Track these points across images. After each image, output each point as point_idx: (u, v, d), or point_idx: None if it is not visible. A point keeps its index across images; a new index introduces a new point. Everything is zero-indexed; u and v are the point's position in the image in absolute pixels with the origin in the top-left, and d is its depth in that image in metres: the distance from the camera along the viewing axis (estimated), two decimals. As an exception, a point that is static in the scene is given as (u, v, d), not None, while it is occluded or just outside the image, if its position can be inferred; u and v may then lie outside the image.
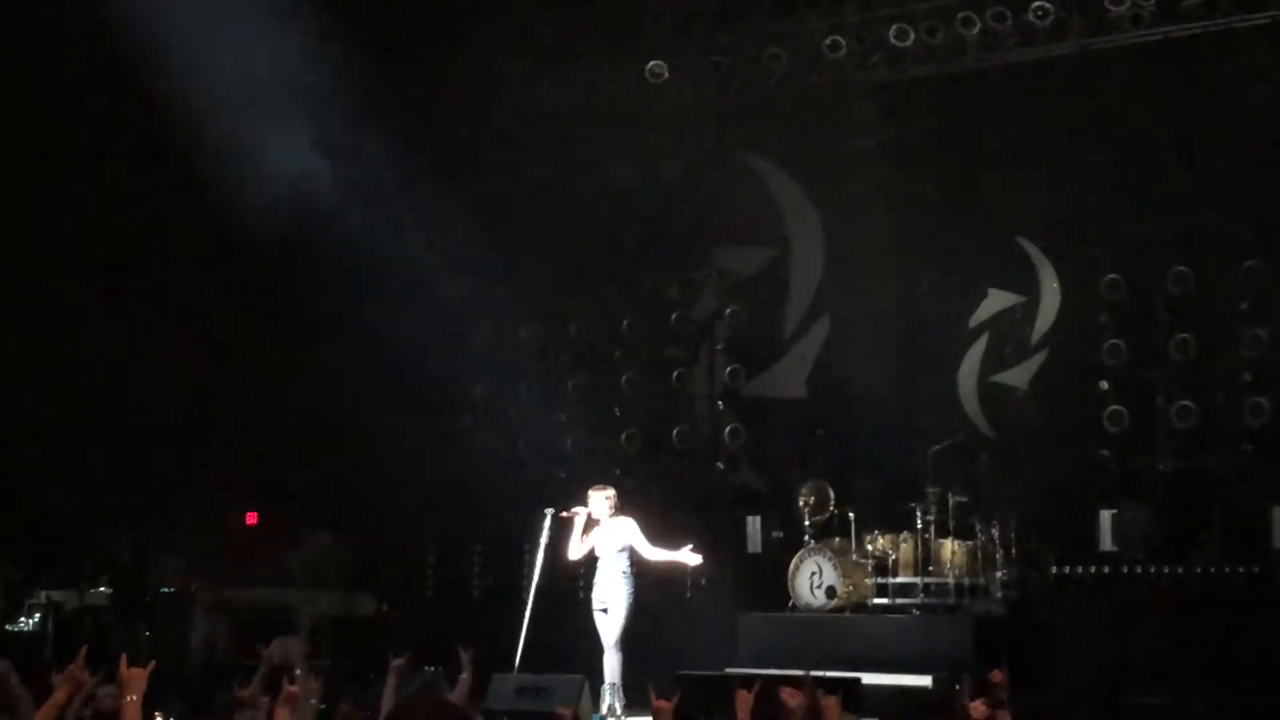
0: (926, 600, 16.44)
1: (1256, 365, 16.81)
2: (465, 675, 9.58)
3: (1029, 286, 18.31)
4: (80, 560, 18.30)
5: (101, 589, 18.02)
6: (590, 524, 13.88)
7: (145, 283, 18.37)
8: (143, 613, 18.24)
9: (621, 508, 14.07)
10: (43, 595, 17.83)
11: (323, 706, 9.44)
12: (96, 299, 18.02)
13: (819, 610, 16.51)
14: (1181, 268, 17.15)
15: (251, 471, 19.51)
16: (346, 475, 19.18)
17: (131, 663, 5.83)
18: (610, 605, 13.87)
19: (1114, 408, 17.34)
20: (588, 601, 14.15)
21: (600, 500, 13.97)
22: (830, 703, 5.73)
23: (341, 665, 16.17)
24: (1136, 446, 17.32)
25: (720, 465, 19.54)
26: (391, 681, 9.63)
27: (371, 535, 19.71)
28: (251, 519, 20.65)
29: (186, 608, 18.80)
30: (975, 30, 17.05)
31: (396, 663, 9.78)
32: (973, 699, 5.82)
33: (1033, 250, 18.23)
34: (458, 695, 9.20)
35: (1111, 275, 17.48)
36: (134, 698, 5.60)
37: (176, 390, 18.63)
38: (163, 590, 18.73)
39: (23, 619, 17.73)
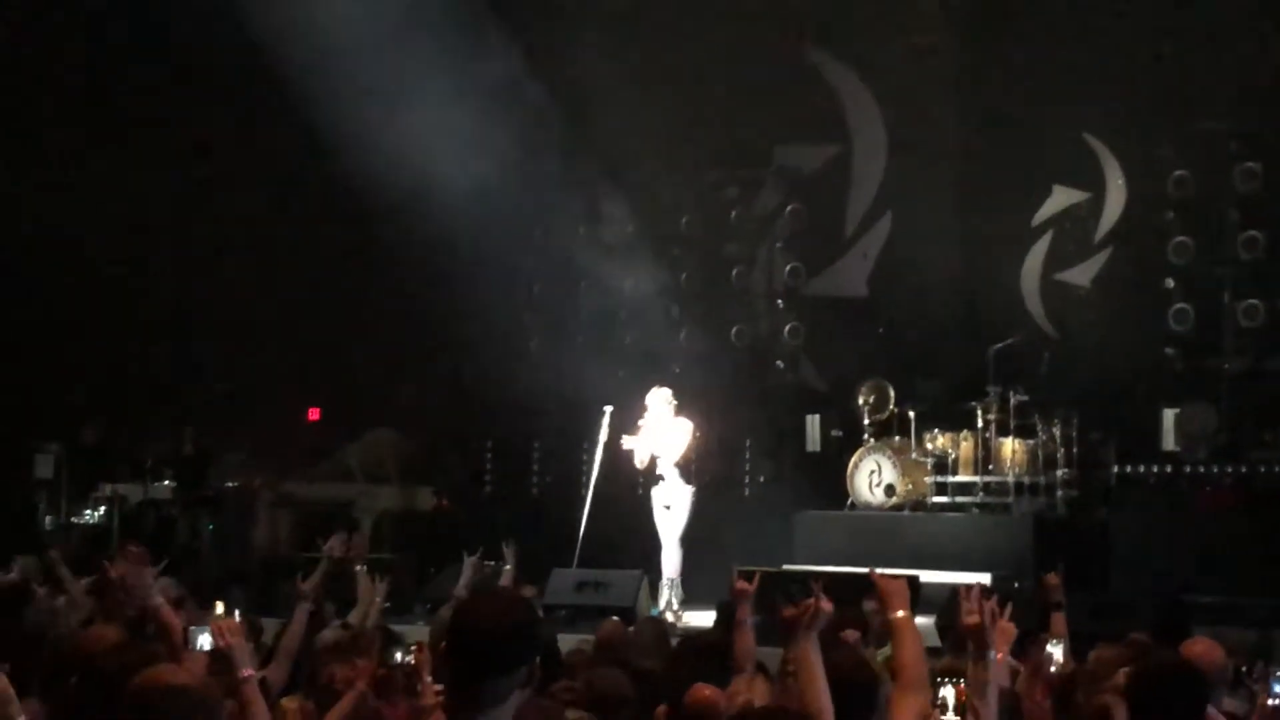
0: (986, 499, 16.42)
1: (1323, 263, 16.62)
2: (509, 567, 9.65)
3: (1094, 183, 18.08)
4: (144, 454, 18.47)
5: (165, 483, 18.19)
6: (651, 426, 13.92)
7: (210, 177, 18.40)
8: (206, 506, 18.42)
9: (680, 408, 14.10)
10: (107, 489, 18.03)
11: (388, 605, 9.54)
12: (163, 198, 18.06)
13: (878, 508, 16.54)
14: (1250, 164, 16.91)
15: (314, 368, 19.63)
16: (407, 372, 19.26)
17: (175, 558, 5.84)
18: (673, 502, 13.94)
19: (1179, 306, 17.17)
20: (647, 498, 14.21)
21: (659, 400, 13.99)
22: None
23: (402, 559, 16.32)
24: (1202, 345, 17.16)
25: (780, 364, 19.49)
26: (467, 574, 9.74)
27: (431, 431, 19.81)
28: (314, 414, 20.79)
29: (249, 502, 18.98)
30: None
31: (471, 559, 9.88)
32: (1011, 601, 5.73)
33: (1099, 146, 17.98)
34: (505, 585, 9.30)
35: (1179, 172, 17.24)
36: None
37: (241, 286, 18.70)
38: (226, 485, 18.89)
39: (88, 511, 17.94)
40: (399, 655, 6.18)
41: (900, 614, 5.51)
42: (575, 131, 18.13)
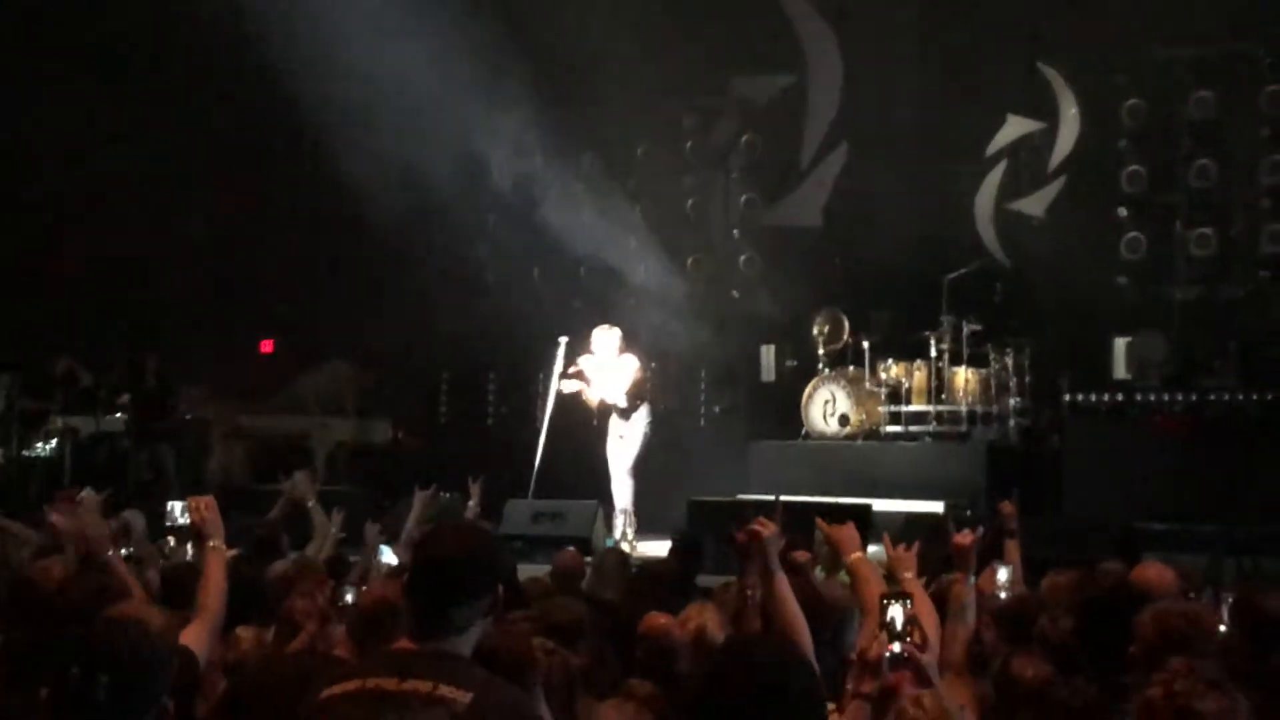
0: (939, 428, 16.53)
1: (1276, 192, 16.70)
2: (473, 503, 9.68)
3: (1048, 112, 18.09)
4: (97, 386, 18.34)
5: (118, 415, 18.09)
6: (598, 365, 13.99)
7: (165, 108, 18.22)
8: (165, 439, 18.35)
9: (635, 339, 14.16)
10: (59, 421, 17.92)
11: (343, 535, 9.55)
12: (121, 130, 17.88)
13: (832, 438, 16.62)
14: (1203, 93, 16.97)
15: (268, 300, 19.53)
16: (362, 304, 19.17)
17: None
18: (626, 433, 13.98)
19: (1132, 235, 17.26)
20: (603, 430, 14.24)
21: (607, 339, 14.04)
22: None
23: (358, 491, 16.31)
24: (1154, 274, 17.25)
25: (735, 294, 19.49)
26: (416, 509, 9.75)
27: (387, 363, 19.76)
28: (267, 347, 20.69)
29: (204, 435, 18.91)
30: None
31: (422, 493, 9.89)
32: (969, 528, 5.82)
33: (1052, 75, 17.98)
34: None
35: (1132, 100, 17.30)
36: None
37: (194, 219, 18.57)
38: (181, 417, 18.81)
39: (39, 444, 17.84)
40: (349, 596, 6.20)
41: (855, 556, 5.55)
42: (530, 62, 17.99)
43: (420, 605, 3.95)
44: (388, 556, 8.61)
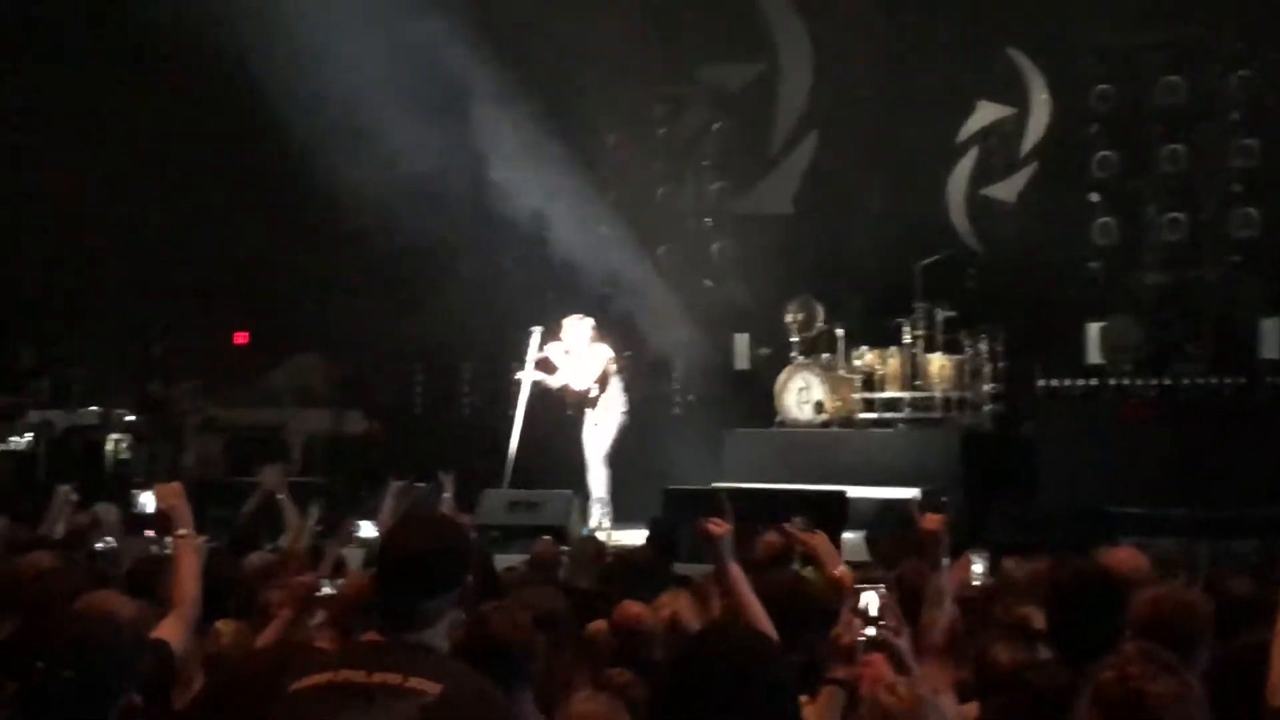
0: (913, 414, 16.57)
1: (1247, 176, 16.77)
2: (447, 495, 9.70)
3: (1018, 98, 18.13)
4: (70, 378, 18.32)
5: (92, 408, 18.07)
6: (568, 355, 14.03)
7: (130, 96, 18.16)
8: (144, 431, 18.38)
9: (608, 329, 14.19)
10: (33, 415, 17.88)
11: (319, 528, 9.55)
12: (88, 120, 17.81)
13: (806, 425, 16.63)
14: (1173, 78, 17.05)
15: (240, 291, 19.49)
16: (334, 295, 19.16)
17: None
18: (600, 421, 14.01)
19: (1103, 220, 17.33)
20: (578, 419, 14.26)
21: (578, 329, 14.07)
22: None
23: (334, 482, 16.31)
24: (1125, 259, 17.33)
25: (707, 282, 19.51)
26: (389, 501, 9.75)
27: (359, 354, 19.74)
28: (241, 338, 20.66)
29: (178, 426, 18.89)
30: None
31: (395, 484, 9.90)
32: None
33: (1023, 61, 18.01)
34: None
35: (1102, 86, 17.37)
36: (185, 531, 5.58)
37: (165, 211, 18.51)
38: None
39: (14, 438, 17.79)
40: (325, 588, 6.21)
41: (840, 570, 5.60)
42: (500, 49, 17.96)
43: (389, 598, 3.95)
44: (368, 530, 8.63)
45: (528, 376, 14.26)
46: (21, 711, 3.83)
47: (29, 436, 17.70)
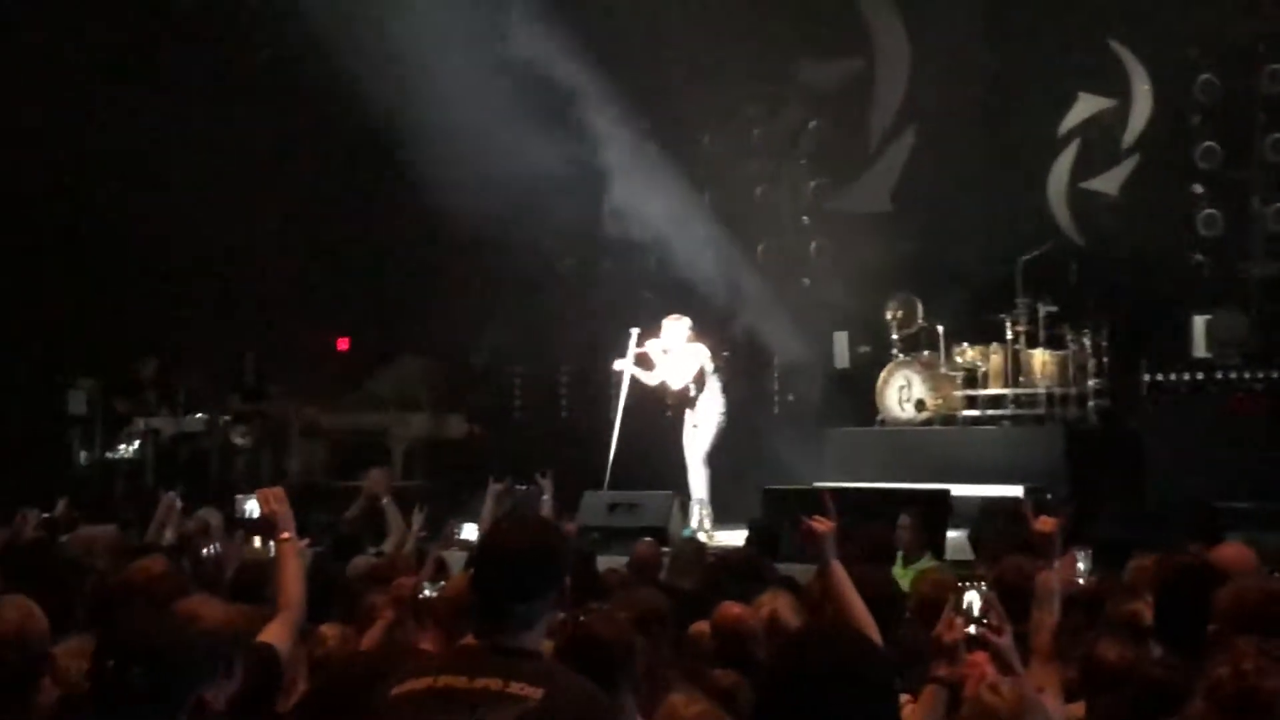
0: (1016, 411, 16.41)
1: (1353, 165, 16.51)
2: (547, 498, 9.73)
3: (1120, 90, 17.91)
4: (175, 387, 18.55)
5: (198, 416, 18.30)
6: (664, 354, 14.05)
7: (237, 110, 18.37)
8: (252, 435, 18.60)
9: (706, 329, 14.19)
10: (140, 423, 18.12)
11: (424, 533, 9.61)
12: (192, 132, 18.02)
13: (908, 423, 16.54)
14: (1276, 66, 16.78)
15: (343, 297, 19.67)
16: (434, 299, 19.27)
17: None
18: (700, 421, 14.00)
19: (1208, 211, 17.07)
20: (678, 420, 14.26)
21: (675, 329, 14.08)
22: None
23: (435, 486, 16.43)
24: (1231, 251, 17.06)
25: (806, 281, 19.44)
26: (489, 504, 9.80)
27: (459, 357, 19.85)
28: (343, 344, 20.85)
29: (283, 433, 19.09)
30: None
31: (495, 487, 9.95)
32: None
33: (1124, 52, 17.80)
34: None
35: (1205, 75, 17.09)
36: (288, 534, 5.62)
37: (269, 218, 18.70)
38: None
39: (121, 446, 18.05)
40: (427, 590, 6.26)
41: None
42: (596, 52, 18.00)
43: (485, 601, 3.95)
44: (470, 533, 8.67)
45: (626, 368, 14.26)
46: (93, 708, 3.89)
47: (136, 444, 17.96)
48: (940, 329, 16.78)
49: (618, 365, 14.43)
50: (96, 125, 17.47)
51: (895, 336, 17.09)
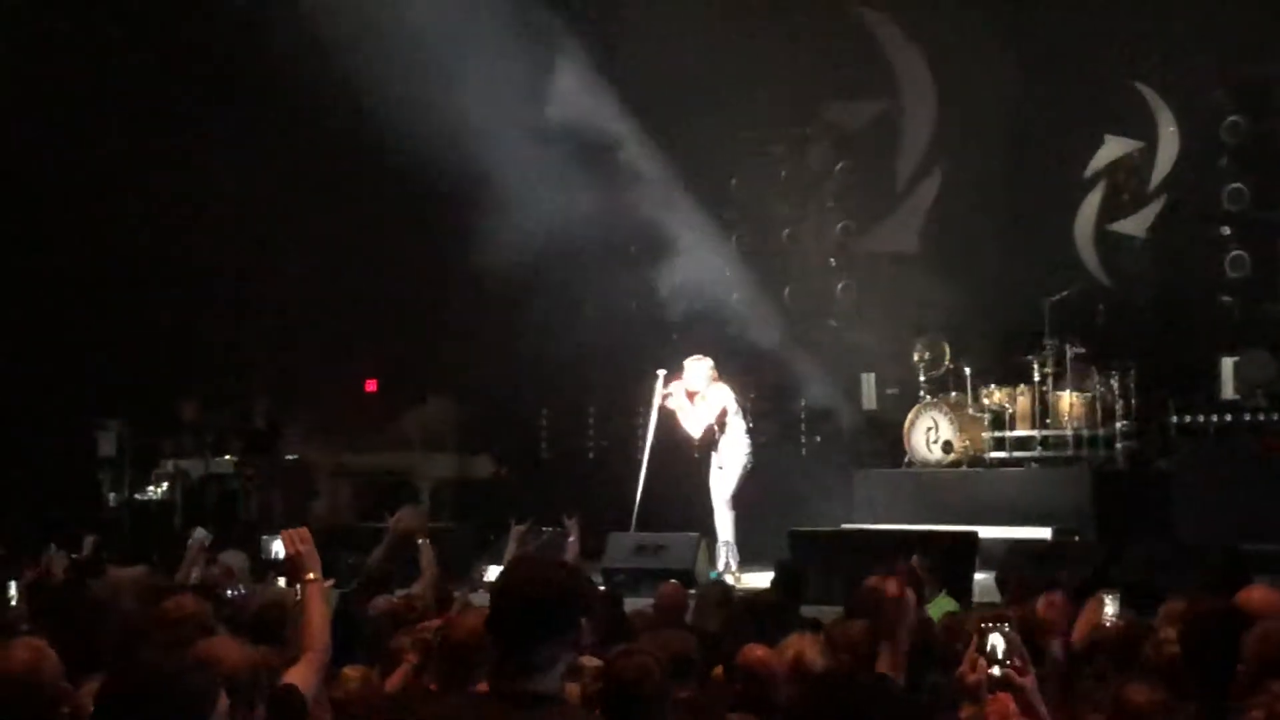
0: (1044, 453, 16.35)
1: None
2: (573, 539, 9.74)
3: (1146, 132, 17.91)
4: (209, 429, 18.63)
5: (226, 458, 18.35)
6: (690, 395, 14.02)
7: (265, 152, 18.47)
8: (273, 480, 18.63)
9: (732, 371, 14.20)
10: (169, 464, 18.20)
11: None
12: (220, 174, 18.13)
13: (936, 465, 16.49)
14: (1303, 107, 16.79)
15: (370, 340, 19.72)
16: (461, 341, 19.31)
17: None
18: (725, 463, 13.99)
19: (1235, 253, 17.02)
20: (704, 461, 14.25)
21: (697, 370, 14.08)
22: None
23: (462, 527, 16.44)
24: (1259, 291, 17.01)
25: (833, 322, 19.45)
26: (512, 545, 9.81)
27: (487, 399, 19.88)
28: (371, 386, 20.91)
29: (310, 474, 19.14)
30: None
31: (518, 528, 9.96)
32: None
33: (1150, 94, 17.80)
34: (568, 558, 9.36)
35: (1232, 117, 17.08)
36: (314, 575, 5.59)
37: (295, 260, 18.79)
38: (287, 458, 19.07)
39: (150, 488, 18.12)
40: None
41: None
42: (619, 88, 18.07)
43: (502, 643, 3.89)
44: (495, 574, 8.65)
45: (679, 404, 14.16)
46: None
47: (165, 486, 18.03)
48: (968, 370, 16.76)
49: (671, 403, 14.32)
50: (126, 167, 17.60)
51: (923, 378, 17.07)
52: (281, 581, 8.15)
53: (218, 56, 18.38)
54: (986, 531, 13.55)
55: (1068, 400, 16.29)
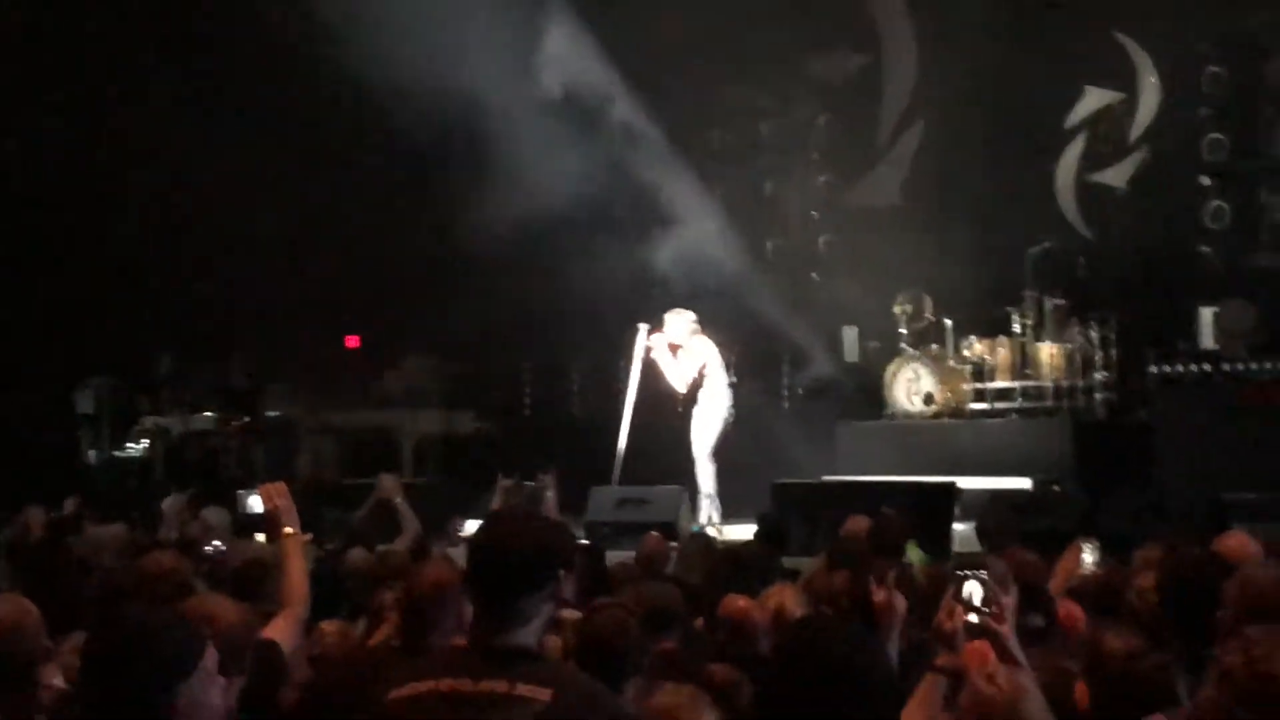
0: (1025, 404, 16.39)
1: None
2: (550, 494, 9.76)
3: (1127, 83, 17.89)
4: (183, 386, 18.60)
5: (207, 414, 18.34)
6: (672, 348, 14.01)
7: (244, 110, 18.39)
8: (254, 436, 18.62)
9: (716, 324, 14.19)
10: (149, 422, 18.17)
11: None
12: (201, 133, 18.04)
13: (917, 417, 16.52)
14: (1283, 58, 16.77)
15: (352, 296, 19.68)
16: (443, 297, 19.28)
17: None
18: (705, 416, 14.01)
19: (1215, 204, 17.05)
20: (687, 415, 14.26)
21: (679, 323, 14.07)
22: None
23: (445, 482, 16.46)
24: (1238, 242, 17.04)
25: (815, 275, 19.45)
26: (498, 499, 9.82)
27: (469, 354, 19.86)
28: (353, 342, 20.87)
29: (293, 432, 19.12)
30: None
31: (504, 482, 9.98)
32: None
33: (1131, 45, 17.78)
34: (547, 511, 9.38)
35: (1212, 68, 17.07)
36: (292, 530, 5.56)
37: (276, 217, 18.72)
38: (269, 415, 19.06)
39: (130, 445, 18.10)
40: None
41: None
42: (602, 47, 17.99)
43: (482, 596, 3.87)
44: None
45: (661, 358, 14.14)
46: (78, 704, 3.87)
47: (145, 443, 18.01)
48: (948, 323, 16.78)
49: (653, 356, 14.29)
50: (104, 126, 17.53)
51: (904, 330, 17.08)
52: (261, 537, 8.14)
53: (202, 15, 18.29)
54: (967, 482, 13.61)
55: (1048, 351, 16.32)
